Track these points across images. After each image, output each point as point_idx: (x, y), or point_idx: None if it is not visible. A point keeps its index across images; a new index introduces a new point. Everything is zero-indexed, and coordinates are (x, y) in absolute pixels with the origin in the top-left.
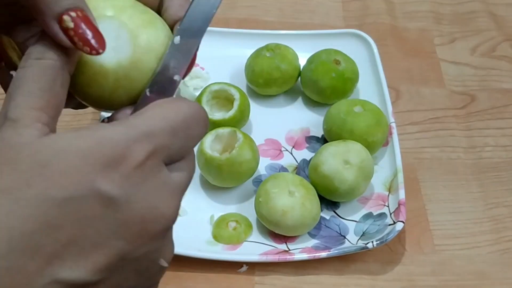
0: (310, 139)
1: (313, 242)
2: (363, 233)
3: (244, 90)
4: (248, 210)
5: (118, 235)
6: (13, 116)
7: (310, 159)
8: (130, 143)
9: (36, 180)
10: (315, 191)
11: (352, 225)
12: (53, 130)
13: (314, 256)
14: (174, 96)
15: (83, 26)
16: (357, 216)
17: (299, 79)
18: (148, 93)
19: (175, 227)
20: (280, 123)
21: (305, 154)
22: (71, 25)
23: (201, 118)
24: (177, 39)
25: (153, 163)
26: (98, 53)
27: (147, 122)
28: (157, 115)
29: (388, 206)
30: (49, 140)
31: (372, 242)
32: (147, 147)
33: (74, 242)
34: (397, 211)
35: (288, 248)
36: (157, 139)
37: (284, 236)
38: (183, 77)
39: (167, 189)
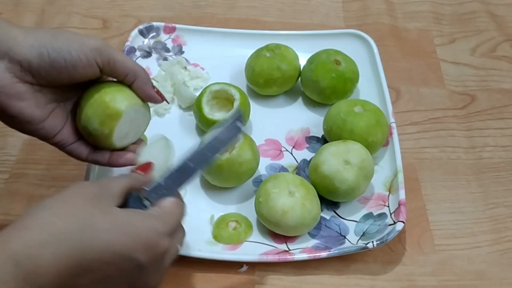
0: (310, 139)
1: (313, 242)
2: (363, 233)
3: (244, 90)
4: (248, 210)
5: (128, 284)
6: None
7: (310, 159)
8: (163, 235)
9: (106, 234)
10: (315, 191)
11: (352, 225)
12: None
13: (314, 256)
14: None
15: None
16: (357, 216)
17: (299, 79)
18: (163, 183)
19: None
20: (280, 123)
21: (305, 154)
22: (156, 89)
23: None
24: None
25: (166, 253)
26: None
27: (171, 221)
28: (175, 216)
29: (388, 206)
30: (124, 213)
31: (372, 242)
32: (169, 241)
33: (108, 279)
34: (397, 211)
35: (288, 248)
36: (173, 236)
37: (284, 236)
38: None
39: (164, 271)
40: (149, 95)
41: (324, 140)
